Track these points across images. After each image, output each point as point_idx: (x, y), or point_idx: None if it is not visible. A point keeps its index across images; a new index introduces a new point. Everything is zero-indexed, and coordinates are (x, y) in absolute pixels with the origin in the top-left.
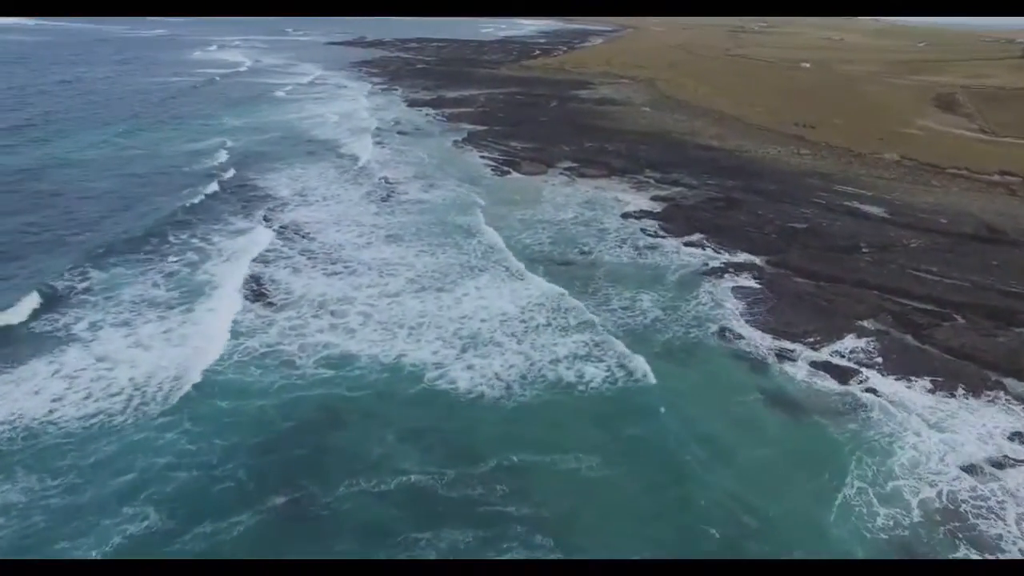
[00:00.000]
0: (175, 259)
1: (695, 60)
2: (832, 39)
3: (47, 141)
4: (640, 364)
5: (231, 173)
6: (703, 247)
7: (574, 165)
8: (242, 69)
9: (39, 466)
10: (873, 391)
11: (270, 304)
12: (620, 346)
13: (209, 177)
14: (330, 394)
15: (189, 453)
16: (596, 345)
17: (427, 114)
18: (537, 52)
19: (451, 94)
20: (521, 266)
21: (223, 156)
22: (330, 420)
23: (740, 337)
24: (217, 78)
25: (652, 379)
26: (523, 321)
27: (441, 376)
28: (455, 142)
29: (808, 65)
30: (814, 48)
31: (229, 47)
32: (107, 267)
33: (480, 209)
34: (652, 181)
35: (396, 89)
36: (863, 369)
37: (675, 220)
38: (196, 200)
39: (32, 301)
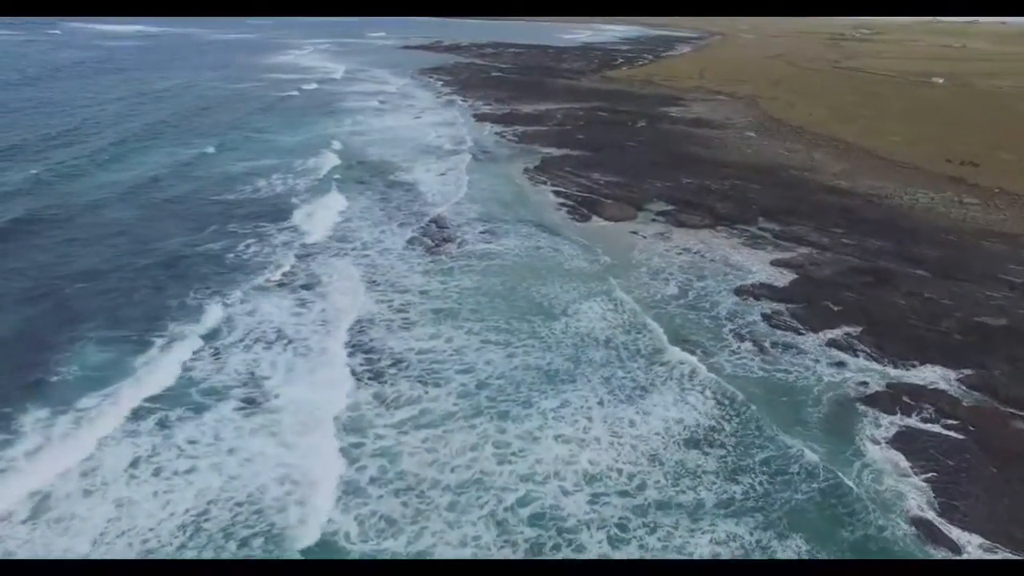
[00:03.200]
0: (140, 336)
1: (800, 74)
2: (952, 46)
3: (142, 152)
4: None
5: (275, 209)
6: (854, 351)
7: (669, 208)
8: (336, 76)
9: None
10: None
11: (238, 428)
12: (784, 556)
13: (249, 215)
14: None
15: None
16: (744, 553)
17: (498, 132)
18: (620, 60)
19: (526, 108)
20: (620, 378)
21: (274, 186)
22: None
23: (952, 545)
24: (314, 84)
25: None
26: (626, 493)
27: None
28: (526, 170)
29: (941, 80)
30: (936, 58)
31: (318, 51)
32: (63, 339)
33: (560, 274)
34: (768, 236)
35: (467, 100)
36: None
37: (808, 302)
38: (219, 242)
39: None
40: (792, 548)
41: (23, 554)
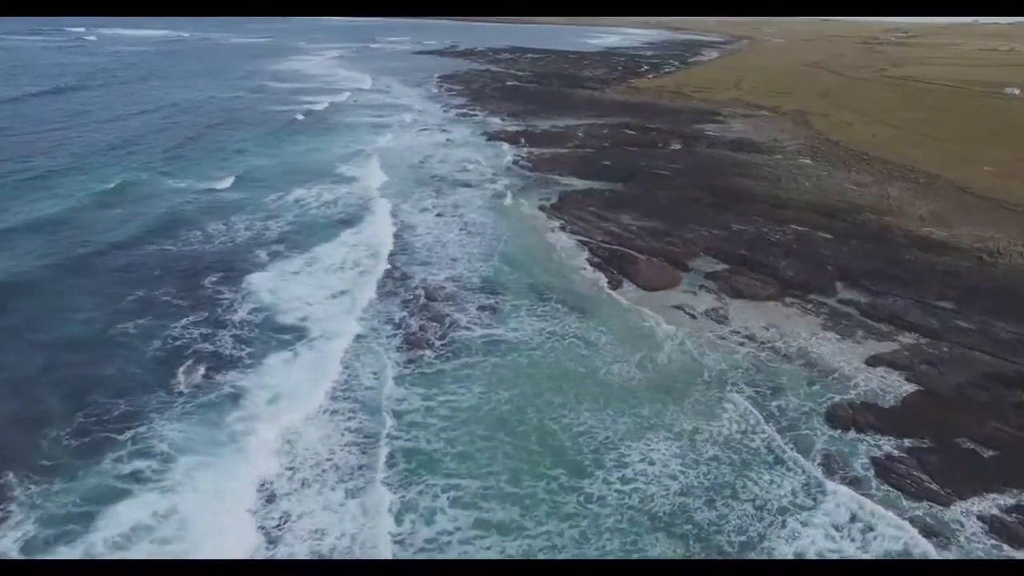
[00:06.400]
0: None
1: (847, 84)
2: (998, 50)
3: (148, 185)
4: None
5: (235, 271)
6: None
7: (720, 268)
8: (345, 86)
9: None
10: None
11: None
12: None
13: (200, 275)
14: None
15: None
16: None
17: (510, 157)
18: (646, 67)
19: (543, 124)
20: None
21: (237, 235)
22: None
23: None
24: (328, 97)
25: None
26: None
27: None
28: (542, 209)
29: (1017, 91)
30: (990, 64)
31: (335, 58)
32: None
33: (593, 388)
34: (855, 313)
35: (479, 114)
36: None
37: (938, 438)
38: (142, 319)
39: None
40: None
41: None
